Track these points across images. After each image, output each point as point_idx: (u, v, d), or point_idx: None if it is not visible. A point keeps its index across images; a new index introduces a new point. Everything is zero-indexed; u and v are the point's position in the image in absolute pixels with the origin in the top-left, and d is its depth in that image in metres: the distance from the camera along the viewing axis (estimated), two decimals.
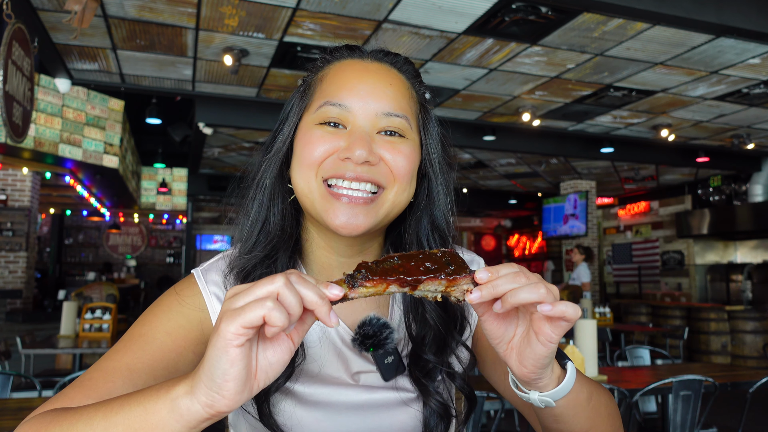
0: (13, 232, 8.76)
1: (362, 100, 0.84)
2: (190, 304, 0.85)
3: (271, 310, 0.54)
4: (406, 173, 0.85)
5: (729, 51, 5.40)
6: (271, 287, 0.56)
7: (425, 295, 0.66)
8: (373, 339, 0.86)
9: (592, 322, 3.60)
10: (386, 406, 0.87)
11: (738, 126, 8.06)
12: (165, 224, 16.46)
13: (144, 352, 0.78)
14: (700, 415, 3.36)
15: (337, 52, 0.92)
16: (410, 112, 0.88)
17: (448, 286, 0.65)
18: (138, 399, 0.60)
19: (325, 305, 0.58)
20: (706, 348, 8.96)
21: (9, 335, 7.49)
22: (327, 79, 0.88)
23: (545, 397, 0.71)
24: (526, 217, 16.93)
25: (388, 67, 0.90)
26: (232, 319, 0.54)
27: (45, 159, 6.95)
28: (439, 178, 0.93)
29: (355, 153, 0.81)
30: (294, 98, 0.92)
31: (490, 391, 2.76)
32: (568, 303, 0.64)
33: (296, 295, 0.56)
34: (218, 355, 0.55)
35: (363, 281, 0.63)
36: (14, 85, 4.24)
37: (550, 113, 7.57)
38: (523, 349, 0.68)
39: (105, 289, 7.50)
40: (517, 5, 4.56)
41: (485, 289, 0.64)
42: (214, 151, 9.52)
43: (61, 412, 0.65)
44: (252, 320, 0.54)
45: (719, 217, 10.36)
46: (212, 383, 0.56)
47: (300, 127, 0.88)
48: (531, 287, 0.63)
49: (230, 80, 6.44)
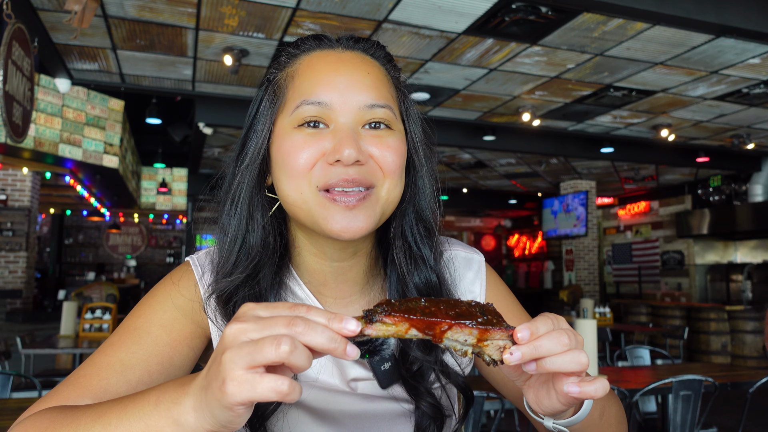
0: (13, 232, 8.76)
1: (342, 95, 0.78)
2: (185, 295, 0.83)
3: (292, 390, 0.50)
4: (396, 168, 0.80)
5: (729, 51, 5.40)
6: (273, 356, 0.50)
7: (453, 347, 0.58)
8: (369, 345, 0.82)
9: (592, 322, 3.60)
10: (384, 417, 0.84)
11: (738, 126, 8.06)
12: (165, 224, 16.46)
13: (138, 347, 0.76)
14: (700, 415, 3.36)
15: (303, 44, 0.85)
16: (392, 100, 0.82)
17: (480, 337, 0.57)
18: (137, 413, 0.59)
19: (340, 345, 0.53)
20: (706, 348, 8.96)
21: (9, 335, 7.49)
22: (299, 75, 0.81)
23: (559, 425, 0.69)
24: (526, 217, 16.93)
25: (362, 55, 0.84)
26: (239, 388, 0.50)
27: (45, 159, 6.95)
28: (424, 166, 0.87)
29: (344, 154, 0.74)
30: (262, 101, 0.84)
31: (490, 391, 2.76)
32: (598, 382, 0.59)
33: (304, 353, 0.51)
34: (222, 409, 0.52)
35: (383, 316, 0.56)
36: (14, 85, 4.24)
37: (550, 113, 7.57)
38: (541, 394, 0.65)
39: (105, 289, 7.50)
40: (517, 5, 4.56)
41: (527, 349, 0.57)
42: (214, 151, 9.52)
43: (58, 416, 0.64)
44: (264, 396, 0.50)
45: (719, 217, 10.36)
46: (215, 421, 0.54)
47: (276, 132, 0.81)
48: (573, 356, 0.58)
49: (230, 80, 6.44)
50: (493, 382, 0.94)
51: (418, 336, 0.57)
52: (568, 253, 11.90)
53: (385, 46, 0.88)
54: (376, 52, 0.86)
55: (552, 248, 15.25)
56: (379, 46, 0.87)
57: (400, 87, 0.88)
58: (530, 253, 16.86)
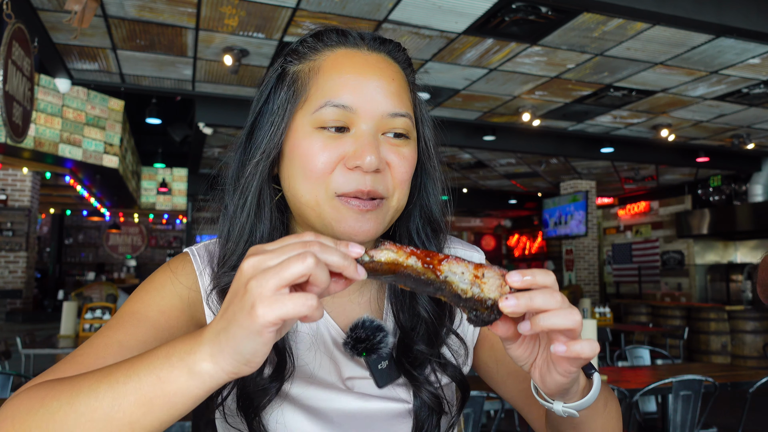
0: (13, 232, 8.75)
1: (367, 100, 0.77)
2: (183, 283, 0.82)
3: (314, 310, 0.52)
4: (407, 178, 0.80)
5: (729, 51, 5.40)
6: (301, 267, 0.52)
7: (452, 281, 0.60)
8: (366, 343, 0.82)
9: (592, 322, 3.60)
10: (381, 416, 0.82)
11: (738, 126, 8.06)
12: (165, 224, 16.46)
13: (136, 329, 0.75)
14: (700, 415, 3.36)
15: (326, 38, 0.82)
16: (410, 107, 0.83)
17: (476, 272, 0.60)
18: (147, 367, 0.57)
19: (351, 264, 0.56)
20: (706, 348, 8.96)
21: (9, 335, 7.49)
22: (323, 73, 0.79)
23: (569, 408, 0.70)
24: (526, 217, 16.94)
25: (387, 59, 0.83)
26: (270, 308, 0.51)
27: (45, 159, 6.95)
28: (436, 169, 0.88)
29: (365, 160, 0.74)
30: (277, 90, 0.82)
31: (490, 391, 2.76)
32: (585, 341, 0.61)
33: (325, 270, 0.54)
34: (250, 336, 0.53)
35: (387, 244, 0.60)
36: (14, 85, 4.24)
37: (550, 113, 7.57)
38: (544, 372, 0.66)
39: (105, 289, 7.50)
40: (517, 5, 4.56)
41: (522, 299, 0.59)
42: (214, 151, 9.52)
43: (56, 383, 0.62)
44: (291, 315, 0.52)
45: (719, 217, 10.36)
46: (240, 356, 0.54)
47: (294, 128, 0.79)
48: (566, 313, 0.60)
49: (230, 80, 6.45)
50: (492, 382, 0.94)
51: (417, 265, 0.59)
52: (568, 253, 11.91)
53: (405, 48, 0.87)
54: (398, 54, 0.85)
55: (552, 248, 15.26)
56: (400, 49, 0.86)
57: (415, 90, 0.88)
58: (530, 253, 16.86)
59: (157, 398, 0.56)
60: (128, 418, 0.56)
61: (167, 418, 0.57)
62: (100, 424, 0.57)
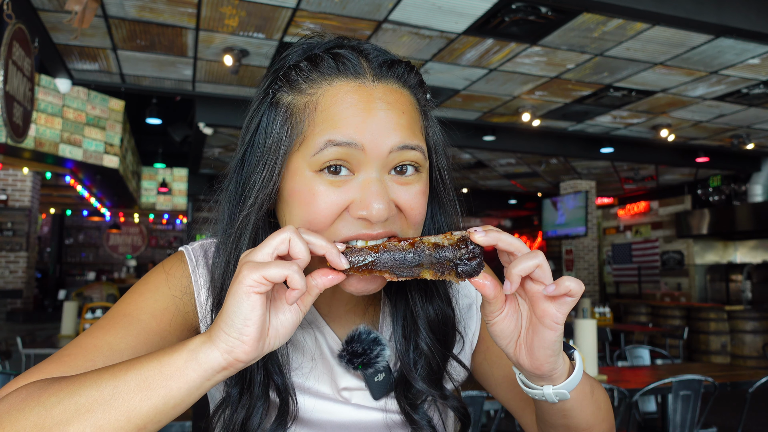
0: (13, 232, 8.76)
1: (373, 138, 0.69)
2: (177, 286, 0.80)
3: (294, 273, 0.59)
4: (421, 215, 0.74)
5: (729, 51, 5.40)
6: (283, 235, 0.61)
7: (426, 241, 0.66)
8: (363, 357, 0.79)
9: (592, 322, 3.61)
10: (376, 428, 0.82)
11: (738, 126, 8.06)
12: (165, 224, 16.46)
13: (127, 332, 0.73)
14: (699, 415, 3.36)
15: (323, 67, 0.72)
16: (422, 136, 0.75)
17: (446, 236, 0.66)
18: (149, 356, 0.61)
19: (334, 248, 0.64)
20: (705, 348, 8.97)
21: (9, 335, 7.50)
22: (321, 109, 0.70)
23: (560, 389, 0.70)
24: (526, 217, 16.93)
25: (396, 87, 0.74)
26: (254, 269, 0.58)
27: (45, 159, 6.95)
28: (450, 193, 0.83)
29: (372, 211, 0.68)
30: (269, 119, 0.74)
31: (490, 392, 2.76)
32: (570, 278, 0.65)
33: (304, 242, 0.62)
34: (240, 300, 0.58)
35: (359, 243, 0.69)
36: (15, 86, 4.25)
37: (550, 113, 7.57)
38: (531, 340, 0.67)
39: (105, 289, 7.51)
40: (517, 5, 4.56)
41: (491, 232, 0.65)
42: (214, 151, 9.52)
43: (54, 381, 0.61)
44: (273, 276, 0.58)
45: (719, 217, 10.37)
46: (232, 329, 0.59)
47: (291, 169, 0.72)
48: (530, 254, 0.65)
49: (230, 80, 6.45)
50: (488, 385, 0.94)
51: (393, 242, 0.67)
52: (568, 253, 11.91)
53: (415, 67, 0.78)
54: (408, 78, 0.76)
55: (552, 248, 15.25)
56: (412, 70, 0.77)
57: (428, 111, 0.81)
58: None
59: (155, 381, 0.58)
60: (126, 405, 0.58)
61: (163, 406, 0.58)
62: (98, 414, 0.57)
